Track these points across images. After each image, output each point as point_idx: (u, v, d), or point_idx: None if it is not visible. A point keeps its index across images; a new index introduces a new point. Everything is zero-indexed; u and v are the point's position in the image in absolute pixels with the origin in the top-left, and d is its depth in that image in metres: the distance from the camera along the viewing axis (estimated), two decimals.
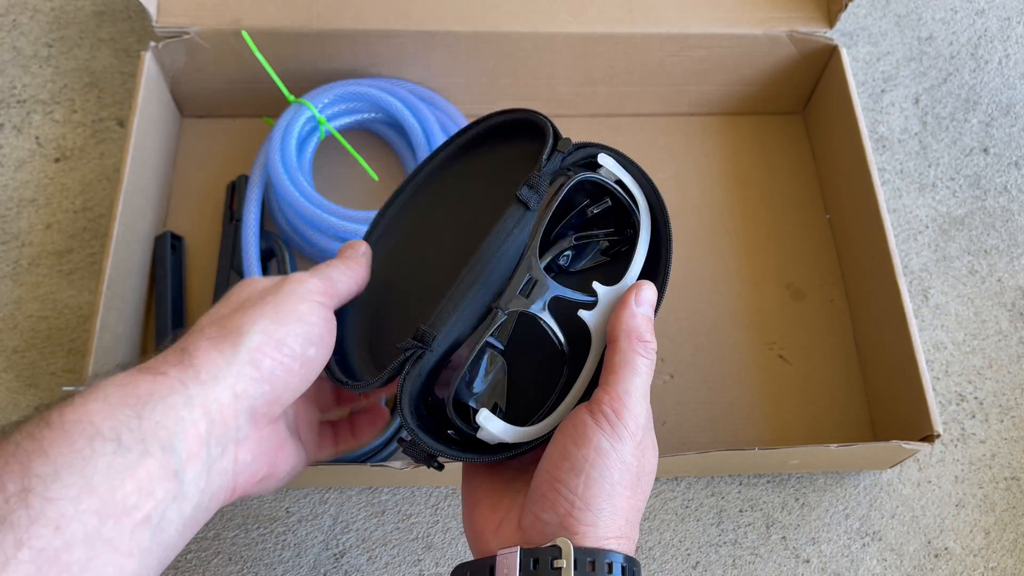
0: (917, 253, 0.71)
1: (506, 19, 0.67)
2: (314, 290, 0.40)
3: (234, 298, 0.40)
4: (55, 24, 0.78)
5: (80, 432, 0.31)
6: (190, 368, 0.35)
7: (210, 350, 0.36)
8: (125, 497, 0.31)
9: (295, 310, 0.38)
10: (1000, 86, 0.79)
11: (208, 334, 0.37)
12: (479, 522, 0.39)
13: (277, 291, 0.39)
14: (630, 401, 0.37)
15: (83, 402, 0.32)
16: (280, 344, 0.37)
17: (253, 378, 0.36)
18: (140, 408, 0.33)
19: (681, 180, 0.73)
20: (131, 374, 0.35)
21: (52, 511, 0.29)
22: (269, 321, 0.37)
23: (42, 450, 0.30)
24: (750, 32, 0.69)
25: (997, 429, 0.65)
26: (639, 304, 0.39)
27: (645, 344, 0.38)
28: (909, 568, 0.60)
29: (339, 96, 0.67)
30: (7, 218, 0.69)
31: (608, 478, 0.36)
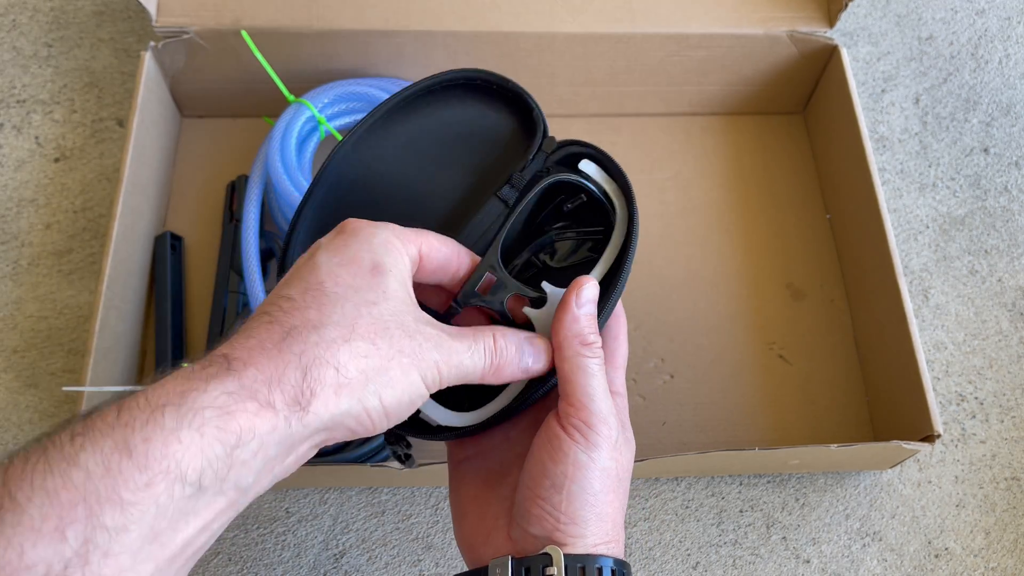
0: (917, 253, 0.71)
1: (506, 19, 0.67)
2: (437, 382, 0.35)
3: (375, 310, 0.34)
4: (55, 24, 0.78)
5: (163, 475, 0.28)
6: (303, 410, 0.31)
7: (330, 392, 0.32)
8: (186, 538, 0.29)
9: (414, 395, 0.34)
10: (1000, 86, 0.79)
11: (338, 363, 0.32)
12: (468, 532, 0.39)
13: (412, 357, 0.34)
14: (594, 406, 0.37)
15: (175, 427, 0.28)
16: (384, 416, 0.34)
17: (347, 427, 0.33)
18: (233, 448, 0.29)
19: (681, 180, 0.73)
20: (237, 398, 0.30)
21: (109, 567, 0.27)
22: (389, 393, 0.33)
23: (118, 495, 0.27)
24: (750, 32, 0.69)
25: (997, 429, 0.65)
26: (580, 305, 0.38)
27: (590, 347, 0.38)
28: (909, 568, 0.60)
29: (339, 96, 0.67)
30: (7, 218, 0.69)
31: (589, 490, 0.36)
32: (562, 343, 0.38)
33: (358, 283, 0.34)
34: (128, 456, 0.28)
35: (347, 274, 0.34)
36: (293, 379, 0.31)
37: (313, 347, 0.32)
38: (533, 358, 0.38)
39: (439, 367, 0.35)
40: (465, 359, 0.36)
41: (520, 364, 0.38)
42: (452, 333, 0.36)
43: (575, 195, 0.44)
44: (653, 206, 0.71)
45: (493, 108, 0.45)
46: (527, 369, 0.38)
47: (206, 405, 0.29)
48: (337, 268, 0.34)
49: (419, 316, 0.35)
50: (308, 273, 0.35)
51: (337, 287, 0.34)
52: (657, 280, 0.68)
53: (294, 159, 0.64)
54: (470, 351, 0.36)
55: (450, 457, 0.43)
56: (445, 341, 0.35)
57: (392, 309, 0.34)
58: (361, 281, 0.34)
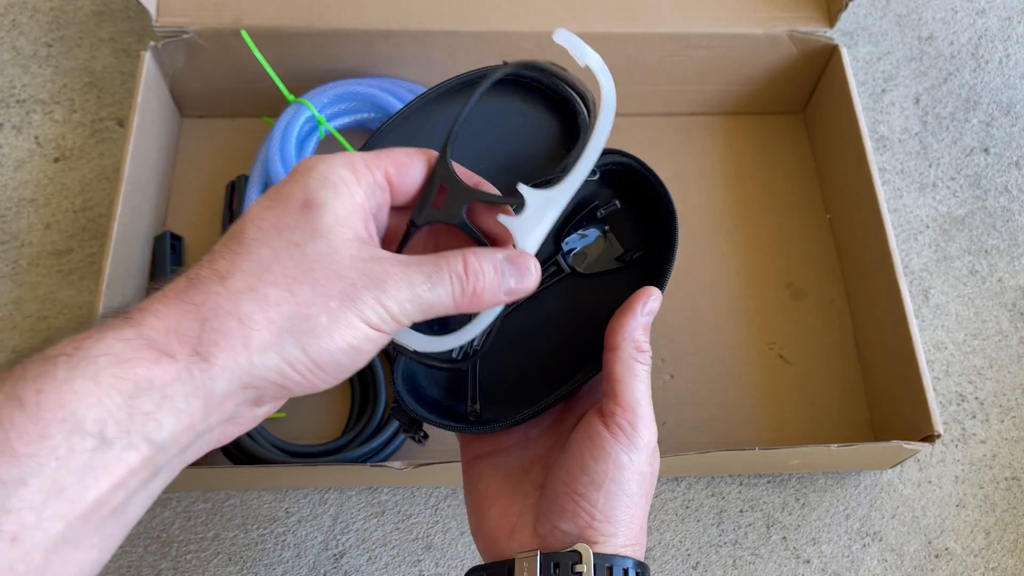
0: (917, 253, 0.71)
1: (506, 19, 0.67)
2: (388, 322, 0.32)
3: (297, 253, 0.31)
4: (55, 24, 0.78)
5: (59, 425, 0.27)
6: (204, 360, 0.29)
7: (235, 341, 0.30)
8: (98, 496, 0.27)
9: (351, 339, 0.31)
10: (1001, 86, 0.79)
11: (241, 313, 0.30)
12: (490, 526, 0.39)
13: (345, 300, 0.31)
14: (641, 410, 0.37)
15: (68, 378, 0.27)
16: (316, 368, 0.31)
17: (271, 382, 0.31)
18: (134, 397, 0.28)
19: (681, 180, 0.73)
20: (133, 346, 0.28)
21: (11, 523, 0.26)
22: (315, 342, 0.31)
23: (10, 447, 0.26)
24: (750, 32, 0.69)
25: (998, 429, 0.65)
26: (646, 314, 0.38)
27: (644, 353, 0.38)
28: (909, 568, 0.60)
29: (339, 96, 0.67)
30: (7, 218, 0.69)
31: (627, 491, 0.36)
32: (620, 344, 0.37)
33: (283, 223, 0.32)
34: (20, 408, 0.27)
35: (272, 216, 0.32)
36: (190, 329, 0.29)
37: (214, 296, 0.30)
38: (516, 277, 0.35)
39: (384, 304, 0.31)
40: (423, 290, 0.33)
41: (502, 287, 0.35)
42: (408, 264, 0.33)
43: (609, 202, 0.44)
44: None
45: (535, 107, 0.44)
46: (511, 290, 0.35)
47: (100, 353, 0.28)
48: (264, 211, 0.32)
49: (361, 252, 0.32)
50: (237, 222, 0.33)
51: (259, 232, 0.32)
52: None
53: (294, 159, 0.64)
54: (430, 281, 0.33)
55: (464, 453, 0.42)
56: (394, 275, 0.32)
57: (321, 248, 0.31)
58: (287, 221, 0.32)
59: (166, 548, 0.58)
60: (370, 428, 0.59)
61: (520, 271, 0.35)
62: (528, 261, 0.35)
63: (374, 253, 0.32)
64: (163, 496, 0.59)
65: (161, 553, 0.58)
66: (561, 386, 0.40)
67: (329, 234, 0.32)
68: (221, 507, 0.60)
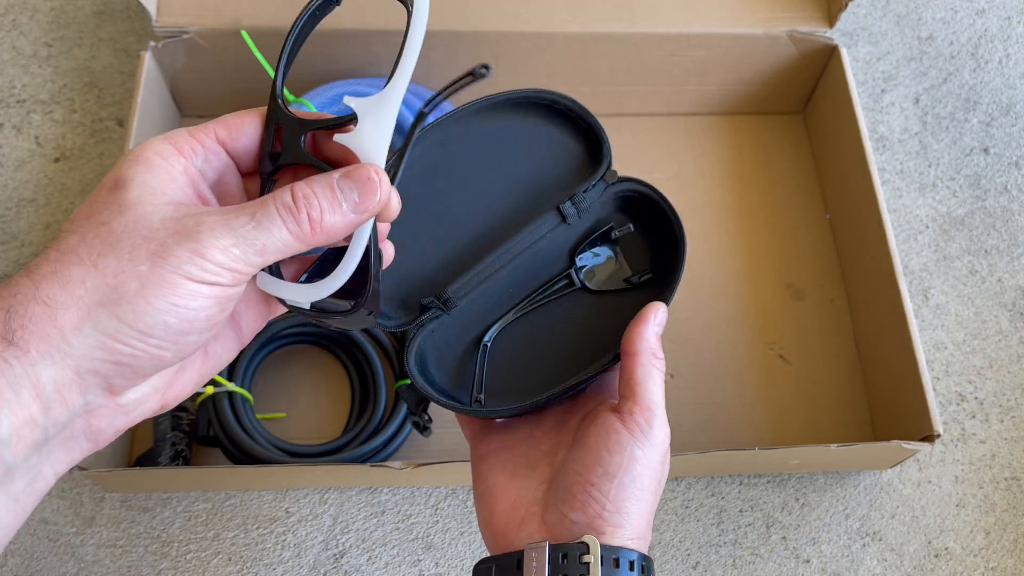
0: (917, 253, 0.71)
1: (506, 19, 0.67)
2: (214, 272, 0.30)
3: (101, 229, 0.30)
4: (55, 24, 0.78)
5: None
6: (15, 346, 0.28)
7: (43, 324, 0.28)
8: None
9: (170, 298, 0.30)
10: (1000, 86, 0.79)
11: (44, 297, 0.29)
12: (499, 519, 0.40)
13: (155, 261, 0.29)
14: (658, 411, 0.39)
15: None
16: (143, 336, 0.30)
17: (105, 360, 0.29)
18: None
19: (681, 180, 0.73)
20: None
21: None
22: (129, 309, 0.29)
23: None
24: (750, 32, 0.69)
25: (997, 429, 0.65)
26: (657, 324, 0.41)
27: (660, 360, 0.40)
28: (909, 568, 0.60)
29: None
30: (7, 218, 0.69)
31: (639, 484, 0.38)
32: (639, 350, 0.40)
33: (94, 208, 0.31)
34: None
35: (85, 206, 0.31)
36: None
37: (20, 287, 0.29)
38: (357, 190, 0.32)
39: (202, 254, 0.30)
40: (248, 231, 0.30)
41: (344, 205, 0.32)
42: (228, 210, 0.31)
43: (623, 224, 0.47)
44: None
45: (563, 132, 0.47)
46: (357, 205, 0.32)
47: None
48: (82, 206, 0.31)
49: (176, 213, 0.30)
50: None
51: (71, 224, 0.31)
52: None
53: None
54: (255, 220, 0.31)
55: (473, 451, 0.44)
56: (211, 224, 0.30)
57: (128, 221, 0.30)
58: (98, 206, 0.31)
59: (166, 548, 0.58)
60: (370, 428, 0.59)
61: (360, 181, 0.32)
62: (366, 170, 0.33)
63: (191, 211, 0.31)
64: (163, 496, 0.59)
65: (161, 553, 0.58)
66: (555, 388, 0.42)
67: (137, 205, 0.30)
68: (221, 507, 0.60)
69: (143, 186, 0.31)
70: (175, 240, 0.30)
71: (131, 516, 0.59)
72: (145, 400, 0.33)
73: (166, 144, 0.32)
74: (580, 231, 0.46)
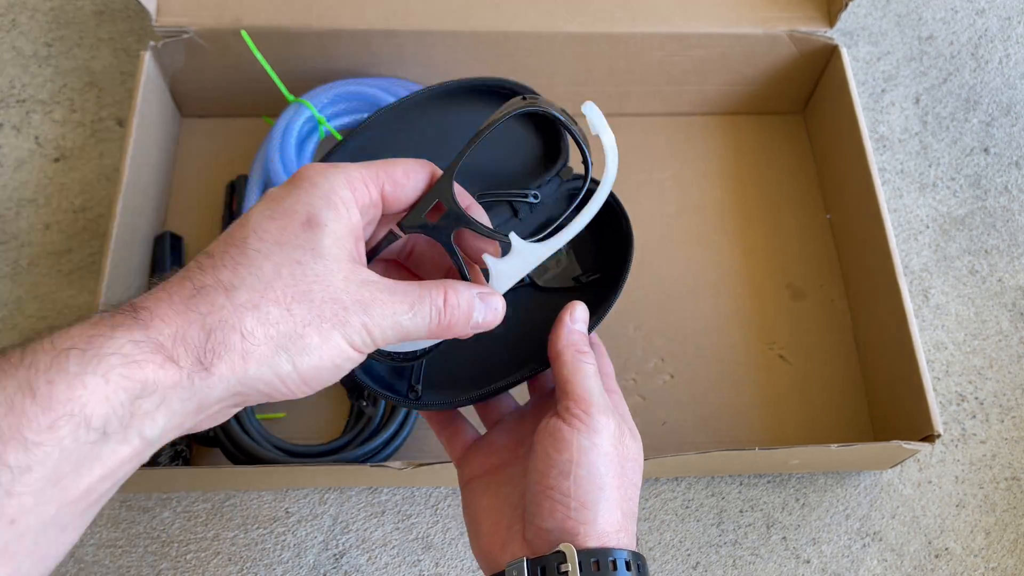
0: (917, 253, 0.71)
1: (506, 19, 0.67)
2: (369, 345, 0.34)
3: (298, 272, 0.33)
4: (55, 24, 0.78)
5: (67, 418, 0.28)
6: (205, 371, 0.31)
7: (235, 356, 0.31)
8: (89, 484, 0.29)
9: (336, 359, 0.33)
10: (1000, 86, 0.79)
11: (244, 329, 0.31)
12: (485, 543, 0.40)
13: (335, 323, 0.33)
14: (593, 398, 0.39)
15: (80, 371, 0.28)
16: (303, 384, 0.33)
17: (260, 392, 0.33)
18: (137, 396, 0.29)
19: (681, 180, 0.73)
20: (142, 348, 0.30)
21: (12, 506, 0.27)
22: (306, 360, 0.33)
23: (20, 436, 0.27)
24: (750, 32, 0.69)
25: (997, 429, 0.65)
26: (574, 322, 0.42)
27: (584, 354, 0.41)
28: (909, 568, 0.60)
29: (339, 96, 0.67)
30: (7, 218, 0.69)
31: (595, 472, 0.37)
32: (561, 351, 0.40)
33: (286, 238, 0.33)
34: (31, 397, 0.28)
35: (275, 228, 0.33)
36: (196, 339, 0.31)
37: (220, 310, 0.31)
38: (483, 314, 0.38)
39: (369, 330, 0.34)
40: (404, 319, 0.35)
41: (471, 321, 0.38)
42: (394, 291, 0.35)
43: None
44: (653, 206, 0.71)
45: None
46: (477, 325, 0.38)
47: (112, 351, 0.29)
48: (267, 222, 0.33)
49: (354, 275, 0.34)
50: (237, 228, 0.34)
51: (261, 243, 0.33)
52: (657, 280, 0.68)
53: (294, 159, 0.64)
54: (412, 311, 0.35)
55: (460, 476, 0.44)
56: (381, 302, 0.34)
57: (320, 270, 0.33)
58: (289, 236, 0.33)
59: (166, 548, 0.58)
60: (370, 428, 0.59)
61: (490, 311, 0.38)
62: (499, 302, 0.39)
63: (366, 277, 0.34)
64: (163, 496, 0.59)
65: (161, 553, 0.58)
66: (498, 382, 0.43)
67: (327, 255, 0.33)
68: (221, 507, 0.60)
69: (333, 236, 0.34)
70: (354, 310, 0.33)
71: (131, 516, 0.59)
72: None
73: (348, 191, 0.35)
74: (531, 226, 0.45)
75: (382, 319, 0.34)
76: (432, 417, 0.46)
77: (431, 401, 0.43)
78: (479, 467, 0.43)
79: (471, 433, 0.45)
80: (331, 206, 0.34)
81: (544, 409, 0.43)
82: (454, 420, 0.46)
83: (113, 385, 0.29)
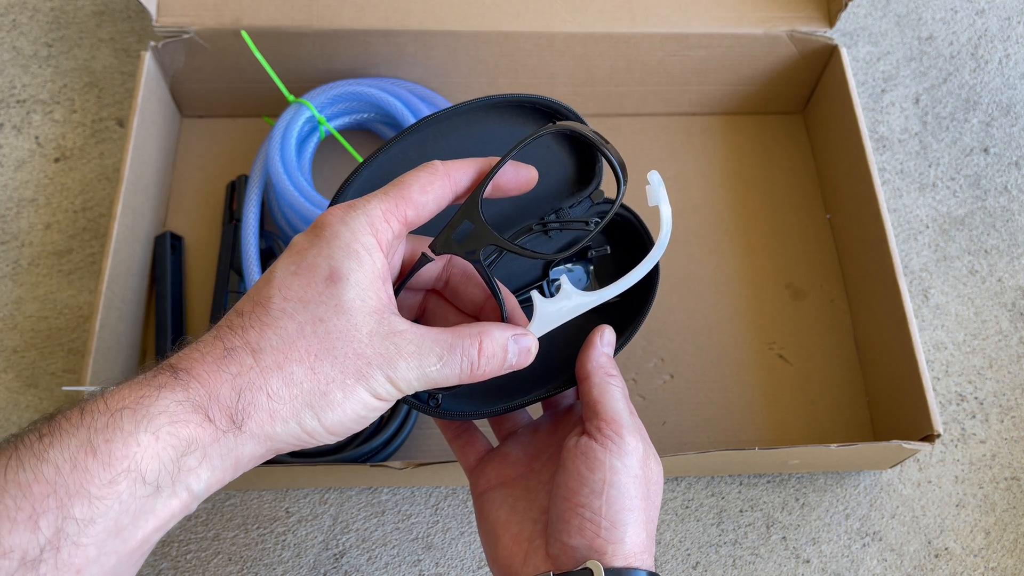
0: (917, 253, 0.71)
1: (506, 19, 0.67)
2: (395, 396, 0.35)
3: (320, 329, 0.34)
4: (55, 24, 0.78)
5: (125, 473, 0.30)
6: (238, 429, 0.33)
7: (263, 414, 0.33)
8: (145, 536, 0.31)
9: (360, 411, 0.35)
10: (1000, 86, 0.79)
11: (271, 389, 0.33)
12: (504, 555, 0.40)
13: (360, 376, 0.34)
14: (624, 420, 0.40)
15: (134, 430, 0.30)
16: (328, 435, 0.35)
17: (290, 444, 0.34)
18: (182, 454, 0.31)
19: (681, 180, 0.73)
20: (184, 408, 0.32)
21: (78, 557, 0.29)
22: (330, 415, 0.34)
23: (84, 490, 0.29)
24: (750, 32, 0.69)
25: (997, 429, 0.65)
26: (604, 345, 0.42)
27: (614, 377, 0.42)
28: (909, 568, 0.60)
29: (339, 96, 0.67)
30: (7, 218, 0.69)
31: (626, 493, 0.38)
32: (591, 373, 0.41)
33: (309, 296, 0.34)
34: (93, 455, 0.30)
35: (299, 285, 0.34)
36: (228, 399, 0.32)
37: (248, 371, 0.33)
38: (518, 356, 0.39)
39: (394, 382, 0.35)
40: (432, 371, 0.35)
41: (504, 365, 0.38)
42: (422, 342, 0.35)
43: (601, 246, 0.47)
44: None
45: (560, 144, 0.47)
46: (511, 367, 0.39)
47: (160, 411, 0.31)
48: (290, 279, 0.34)
49: (380, 327, 0.34)
50: (263, 284, 0.35)
51: (286, 303, 0.34)
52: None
53: (294, 159, 0.64)
54: (441, 363, 0.36)
55: (473, 488, 0.44)
56: (407, 355, 0.35)
57: (343, 325, 0.34)
58: (312, 294, 0.34)
59: (166, 548, 0.58)
60: (370, 428, 0.59)
61: (523, 355, 0.39)
62: (533, 344, 0.39)
63: (392, 327, 0.35)
64: None
65: (161, 553, 0.58)
66: (519, 398, 0.43)
67: (351, 310, 0.34)
68: (221, 507, 0.60)
69: (357, 288, 0.34)
70: (378, 364, 0.34)
71: None
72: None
73: (370, 236, 0.35)
74: (559, 244, 0.46)
75: (407, 371, 0.35)
76: (447, 426, 0.47)
77: (452, 410, 0.43)
78: (495, 478, 0.43)
79: (484, 444, 0.46)
80: (353, 255, 0.35)
81: (561, 425, 0.44)
82: (468, 430, 0.46)
83: (163, 443, 0.31)
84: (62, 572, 0.29)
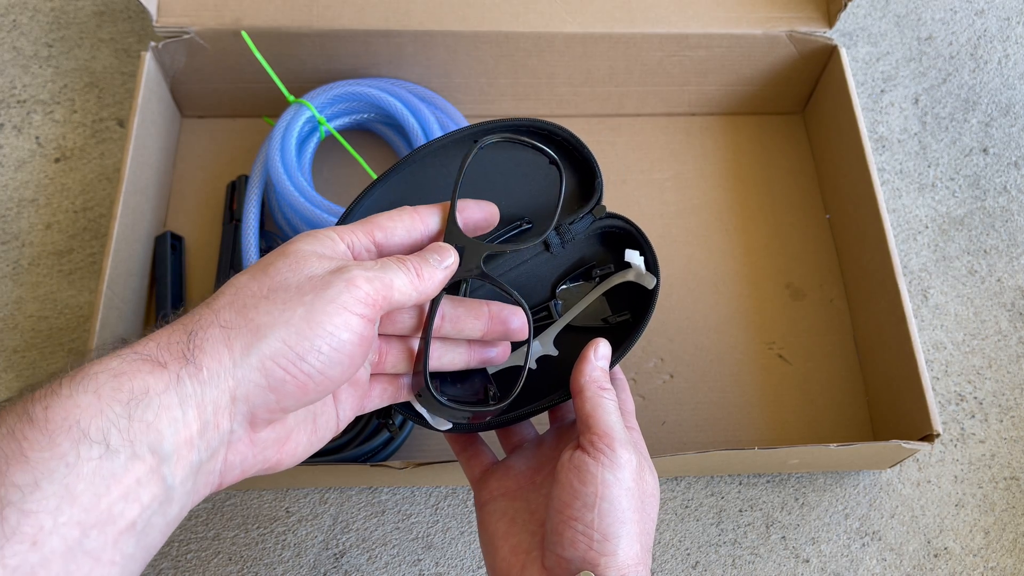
0: (917, 253, 0.71)
1: (506, 19, 0.67)
2: (361, 300, 0.35)
3: (274, 274, 0.35)
4: (55, 24, 0.78)
5: (65, 433, 0.29)
6: (191, 363, 0.32)
7: (218, 345, 0.32)
8: (110, 505, 0.29)
9: (328, 324, 0.34)
10: (1000, 86, 0.79)
11: (222, 321, 0.33)
12: (502, 566, 0.41)
13: (318, 291, 0.34)
14: (615, 433, 0.40)
15: (71, 394, 0.30)
16: (299, 359, 0.33)
17: (258, 385, 0.33)
18: (132, 406, 0.30)
19: (681, 180, 0.73)
20: (128, 360, 0.31)
21: (29, 525, 0.27)
22: (294, 331, 0.33)
23: (22, 454, 0.28)
24: (750, 32, 0.69)
25: (996, 429, 0.65)
26: (597, 358, 0.43)
27: (606, 390, 0.42)
28: (909, 568, 0.60)
29: (339, 96, 0.67)
30: (7, 218, 0.69)
31: (618, 506, 0.38)
32: (584, 387, 0.42)
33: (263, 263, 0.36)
34: (29, 422, 0.29)
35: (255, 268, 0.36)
36: (180, 341, 0.32)
37: (201, 315, 0.33)
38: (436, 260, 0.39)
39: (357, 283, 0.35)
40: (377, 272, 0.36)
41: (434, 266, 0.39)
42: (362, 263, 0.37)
43: (605, 264, 0.48)
44: (653, 206, 0.72)
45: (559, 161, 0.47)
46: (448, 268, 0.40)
47: (99, 370, 0.31)
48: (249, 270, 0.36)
49: (333, 266, 0.36)
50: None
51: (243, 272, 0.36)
52: None
53: (294, 159, 0.64)
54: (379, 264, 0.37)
55: (476, 497, 0.45)
56: (358, 267, 0.36)
57: (293, 264, 0.35)
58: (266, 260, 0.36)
59: (166, 547, 0.58)
60: (370, 428, 0.59)
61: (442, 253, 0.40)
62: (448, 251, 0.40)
63: (343, 263, 0.36)
64: None
65: (161, 553, 0.58)
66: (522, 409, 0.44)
67: (304, 258, 0.36)
68: (221, 507, 0.60)
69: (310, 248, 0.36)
70: (333, 276, 0.35)
71: None
72: (268, 446, 0.36)
73: (331, 231, 0.38)
74: (564, 263, 0.47)
75: (363, 270, 0.35)
76: (455, 439, 0.47)
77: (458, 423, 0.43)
78: (497, 489, 0.44)
79: (490, 456, 0.46)
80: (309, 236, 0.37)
81: (563, 439, 0.44)
82: (474, 442, 0.47)
83: (105, 398, 0.30)
84: (13, 542, 0.27)
